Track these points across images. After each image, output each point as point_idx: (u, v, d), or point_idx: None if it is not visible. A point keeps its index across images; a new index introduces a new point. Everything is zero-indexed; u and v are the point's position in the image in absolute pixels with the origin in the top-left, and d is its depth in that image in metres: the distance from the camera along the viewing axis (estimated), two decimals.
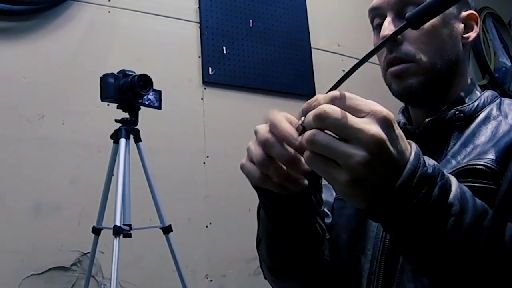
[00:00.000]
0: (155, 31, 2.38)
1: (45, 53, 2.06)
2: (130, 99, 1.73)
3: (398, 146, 0.45)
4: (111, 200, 1.67)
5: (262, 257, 0.74)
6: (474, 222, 0.47)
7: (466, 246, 0.46)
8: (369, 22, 0.78)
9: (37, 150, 1.97)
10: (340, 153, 0.43)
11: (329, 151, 0.44)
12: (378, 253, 0.67)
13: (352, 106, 0.45)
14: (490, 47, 4.03)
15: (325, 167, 0.45)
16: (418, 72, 0.70)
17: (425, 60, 0.70)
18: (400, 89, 0.72)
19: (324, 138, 0.44)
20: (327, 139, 0.44)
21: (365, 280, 0.68)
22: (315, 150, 0.45)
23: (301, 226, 0.65)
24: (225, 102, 2.52)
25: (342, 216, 0.75)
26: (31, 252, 1.86)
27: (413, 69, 0.70)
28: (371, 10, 0.76)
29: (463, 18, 0.74)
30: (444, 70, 0.71)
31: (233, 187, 2.34)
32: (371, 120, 0.44)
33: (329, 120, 0.44)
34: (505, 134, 0.64)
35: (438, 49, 0.70)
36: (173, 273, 1.82)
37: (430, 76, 0.70)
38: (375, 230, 0.69)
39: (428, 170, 0.46)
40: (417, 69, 0.70)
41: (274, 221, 0.64)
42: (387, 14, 0.72)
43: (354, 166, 0.43)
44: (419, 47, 0.70)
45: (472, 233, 0.46)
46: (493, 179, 0.59)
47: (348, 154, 0.43)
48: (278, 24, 2.79)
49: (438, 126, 0.69)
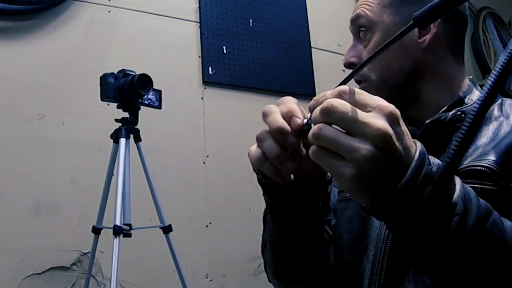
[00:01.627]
0: (155, 31, 2.38)
1: (45, 53, 2.06)
2: (130, 99, 1.73)
3: (404, 142, 0.45)
4: (111, 200, 1.67)
5: (267, 261, 0.74)
6: (477, 222, 0.47)
7: (469, 246, 0.46)
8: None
9: (37, 150, 1.97)
10: (346, 147, 0.43)
11: (335, 145, 0.44)
12: (380, 254, 0.67)
13: (359, 100, 0.45)
14: (490, 47, 4.03)
15: (331, 161, 0.45)
16: (371, 90, 0.69)
17: (374, 78, 0.73)
18: None
19: (330, 132, 0.44)
20: (333, 132, 0.44)
21: (366, 280, 0.68)
22: (321, 144, 0.45)
23: (308, 231, 0.65)
24: (225, 102, 2.52)
25: (344, 217, 0.75)
26: (31, 252, 1.86)
27: (368, 87, 0.73)
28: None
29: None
30: (400, 82, 0.72)
31: (233, 187, 2.35)
32: (378, 115, 0.44)
33: (336, 114, 0.44)
34: (506, 135, 0.63)
35: (386, 64, 0.72)
36: (173, 273, 1.82)
37: (383, 90, 0.71)
38: (377, 231, 0.69)
39: (432, 168, 0.46)
40: (370, 87, 0.72)
41: (280, 226, 0.64)
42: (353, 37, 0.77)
43: (360, 160, 0.43)
44: (369, 67, 0.72)
45: (475, 233, 0.46)
46: (494, 180, 0.59)
47: (354, 148, 0.43)
48: (278, 24, 2.79)
49: (439, 127, 0.69)
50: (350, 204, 0.74)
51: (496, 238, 0.47)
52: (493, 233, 0.47)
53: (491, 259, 0.47)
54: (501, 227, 0.48)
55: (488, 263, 0.47)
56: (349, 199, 0.75)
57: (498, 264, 0.47)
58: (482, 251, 0.47)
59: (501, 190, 0.59)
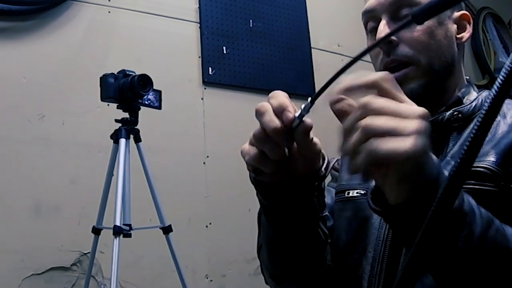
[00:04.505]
0: (155, 31, 2.38)
1: (45, 53, 2.06)
2: (130, 99, 1.73)
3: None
4: (111, 200, 1.67)
5: (263, 263, 0.74)
6: (483, 231, 0.47)
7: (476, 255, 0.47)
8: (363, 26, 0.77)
9: (37, 150, 1.97)
10: (405, 108, 0.44)
11: (391, 108, 0.44)
12: (379, 255, 0.66)
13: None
14: (490, 47, 4.03)
15: (388, 130, 0.43)
16: (417, 75, 0.69)
17: (423, 62, 0.69)
18: None
19: (382, 100, 0.44)
20: (385, 100, 0.44)
21: (365, 282, 0.67)
22: (372, 111, 0.44)
23: (303, 231, 0.65)
24: (225, 102, 2.52)
25: (342, 218, 0.74)
26: (31, 252, 1.86)
27: (413, 72, 0.69)
28: (364, 13, 0.75)
29: (455, 18, 0.74)
30: (441, 71, 0.71)
31: (233, 187, 2.35)
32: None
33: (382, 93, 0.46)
34: (504, 135, 0.63)
35: (435, 50, 0.70)
36: (173, 273, 1.82)
37: (429, 78, 0.70)
38: (376, 232, 0.68)
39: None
40: (416, 72, 0.69)
41: (275, 226, 0.63)
42: (381, 17, 0.71)
43: (420, 129, 0.42)
44: (417, 48, 0.69)
45: (482, 241, 0.47)
46: (494, 181, 0.59)
47: (413, 111, 0.43)
48: (278, 24, 2.79)
49: (437, 128, 0.69)
50: (348, 205, 0.74)
51: (500, 245, 0.48)
52: (497, 240, 0.48)
53: (495, 266, 0.48)
54: (504, 233, 0.49)
55: (492, 269, 0.48)
56: (347, 200, 0.75)
57: (502, 270, 0.48)
58: (487, 259, 0.47)
59: (501, 191, 0.59)
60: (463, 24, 0.75)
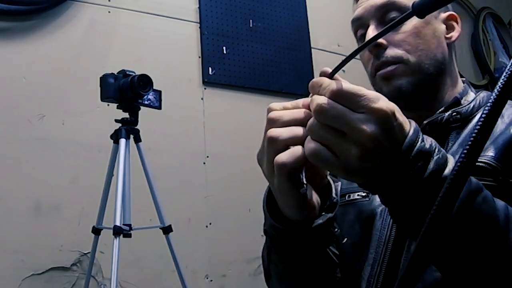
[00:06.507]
0: (155, 31, 2.38)
1: (45, 53, 2.07)
2: (130, 99, 1.73)
3: (400, 120, 0.47)
4: (111, 200, 1.67)
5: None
6: (468, 196, 0.47)
7: (459, 219, 0.46)
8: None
9: (37, 150, 1.97)
10: (352, 123, 0.45)
11: (341, 120, 0.45)
12: (380, 256, 0.67)
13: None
14: (490, 47, 4.03)
15: (335, 139, 0.46)
16: (406, 73, 0.70)
17: (412, 61, 0.70)
18: (390, 91, 0.71)
19: (337, 107, 0.46)
20: (340, 108, 0.46)
21: (364, 283, 0.68)
22: (325, 121, 0.46)
23: (318, 261, 0.63)
24: (225, 102, 2.52)
25: (344, 222, 0.74)
26: (31, 252, 1.86)
27: (401, 69, 0.71)
28: (353, 21, 0.76)
29: (443, 19, 0.75)
30: (431, 70, 0.71)
31: (233, 187, 2.35)
32: (379, 96, 0.46)
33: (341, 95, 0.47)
34: (502, 133, 0.64)
35: (424, 49, 0.71)
36: (173, 273, 1.82)
37: (418, 76, 0.71)
38: (378, 233, 0.69)
39: (425, 145, 0.47)
40: (405, 69, 0.71)
41: (288, 263, 0.62)
42: (369, 23, 0.73)
43: (365, 140, 0.44)
44: (405, 49, 0.71)
45: (466, 207, 0.47)
46: (493, 176, 0.60)
47: (359, 128, 0.45)
48: (278, 24, 2.79)
49: (436, 128, 0.70)
50: (349, 209, 0.74)
51: (486, 213, 0.47)
52: (483, 208, 0.47)
53: (480, 234, 0.47)
54: (492, 204, 0.48)
55: (477, 238, 0.47)
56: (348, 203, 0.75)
57: (487, 240, 0.47)
58: (471, 226, 0.47)
59: (500, 185, 0.60)
60: (450, 24, 0.76)
